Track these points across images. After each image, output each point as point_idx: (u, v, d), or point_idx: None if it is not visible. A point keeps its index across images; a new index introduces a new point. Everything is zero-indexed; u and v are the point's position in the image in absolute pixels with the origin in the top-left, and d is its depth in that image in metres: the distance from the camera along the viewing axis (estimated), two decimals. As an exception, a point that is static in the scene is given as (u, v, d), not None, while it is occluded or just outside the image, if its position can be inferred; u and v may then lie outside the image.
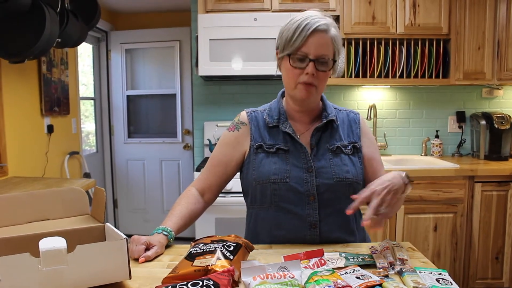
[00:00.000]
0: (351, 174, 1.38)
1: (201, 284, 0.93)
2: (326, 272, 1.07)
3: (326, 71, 1.33)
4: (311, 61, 1.29)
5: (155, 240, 1.26)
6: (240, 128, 1.47)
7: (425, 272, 1.09)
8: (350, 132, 1.47)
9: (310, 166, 1.36)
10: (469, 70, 3.09)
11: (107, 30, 4.35)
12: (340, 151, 1.41)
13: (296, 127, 1.44)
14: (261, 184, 1.38)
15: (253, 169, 1.41)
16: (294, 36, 1.29)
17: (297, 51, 1.30)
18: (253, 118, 1.48)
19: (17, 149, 2.84)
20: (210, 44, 2.94)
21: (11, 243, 1.05)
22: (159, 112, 4.55)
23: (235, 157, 1.45)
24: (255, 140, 1.43)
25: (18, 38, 2.35)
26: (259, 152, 1.41)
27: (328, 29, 1.31)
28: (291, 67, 1.32)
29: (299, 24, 1.29)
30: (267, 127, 1.44)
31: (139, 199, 4.55)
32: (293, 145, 1.40)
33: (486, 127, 3.23)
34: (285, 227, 1.36)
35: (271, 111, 1.47)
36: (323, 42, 1.30)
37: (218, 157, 1.46)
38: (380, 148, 3.42)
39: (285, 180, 1.35)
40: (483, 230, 2.87)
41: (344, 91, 3.46)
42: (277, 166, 1.37)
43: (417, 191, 2.81)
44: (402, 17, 3.02)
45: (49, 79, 3.22)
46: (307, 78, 1.31)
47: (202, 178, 1.47)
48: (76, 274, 0.97)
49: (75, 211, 1.31)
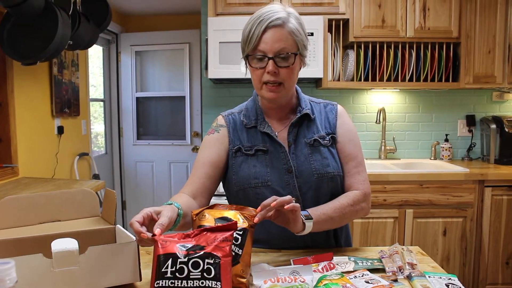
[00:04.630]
0: (332, 168, 1.35)
1: (202, 266, 0.90)
2: (335, 276, 1.07)
3: (289, 66, 1.26)
4: (270, 59, 1.24)
5: (158, 208, 1.08)
6: (220, 130, 1.42)
7: (435, 277, 1.08)
8: (327, 123, 1.42)
9: (289, 166, 1.33)
10: (479, 74, 3.07)
11: (117, 32, 4.38)
12: (318, 143, 1.37)
13: (273, 125, 1.40)
14: (242, 190, 1.35)
15: (233, 173, 1.37)
16: (250, 35, 1.25)
17: (255, 51, 1.26)
18: (230, 121, 1.43)
19: (28, 150, 2.87)
20: (219, 47, 2.95)
21: (23, 244, 1.06)
22: (168, 114, 4.58)
23: (220, 157, 1.39)
24: (233, 143, 1.39)
25: (31, 41, 2.38)
26: (238, 155, 1.37)
27: (284, 23, 1.24)
28: (252, 68, 1.29)
29: (254, 23, 1.25)
30: (245, 128, 1.40)
31: (147, 201, 4.57)
32: (272, 145, 1.36)
33: (496, 131, 3.20)
34: (273, 231, 1.32)
35: (248, 111, 1.43)
36: (280, 37, 1.24)
37: (203, 160, 1.38)
38: (389, 152, 3.41)
39: (266, 184, 1.32)
40: (493, 235, 2.85)
41: (353, 95, 3.46)
42: (257, 169, 1.34)
43: (427, 195, 2.79)
44: (412, 21, 3.01)
45: (60, 80, 3.25)
46: (269, 77, 1.26)
47: (190, 183, 1.36)
48: (88, 275, 0.98)
49: (86, 212, 1.33)
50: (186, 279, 0.88)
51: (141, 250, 1.27)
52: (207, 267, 0.90)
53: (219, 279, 0.89)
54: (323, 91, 3.39)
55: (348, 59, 3.13)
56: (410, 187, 2.79)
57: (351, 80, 3.13)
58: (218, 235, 0.95)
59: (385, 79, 3.11)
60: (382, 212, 2.79)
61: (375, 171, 2.80)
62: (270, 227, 1.29)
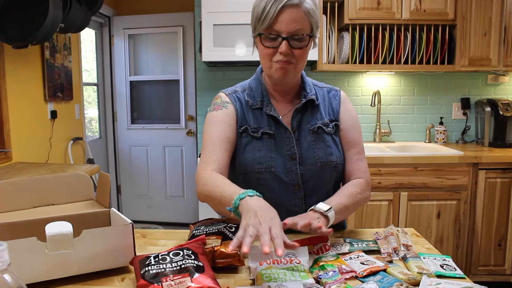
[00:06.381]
0: (335, 156, 1.33)
1: (182, 254, 0.97)
2: (330, 257, 1.07)
3: (302, 47, 1.22)
4: (284, 39, 1.19)
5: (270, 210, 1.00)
6: (227, 107, 1.35)
7: (429, 258, 1.09)
8: (330, 109, 1.39)
9: (293, 153, 1.31)
10: (474, 56, 3.06)
11: (110, 15, 4.32)
12: (322, 131, 1.34)
13: (278, 108, 1.36)
14: (243, 174, 1.32)
15: (236, 155, 1.32)
16: (264, 13, 1.18)
17: (268, 30, 1.20)
18: (235, 99, 1.37)
19: (21, 134, 2.84)
20: (213, 30, 2.92)
21: (17, 228, 1.06)
22: (162, 98, 4.55)
23: (234, 133, 1.32)
24: (241, 123, 1.33)
25: (22, 23, 2.34)
26: (243, 136, 1.32)
27: (301, 2, 1.18)
28: (264, 47, 1.23)
29: (269, 0, 1.18)
30: (251, 108, 1.35)
31: (142, 185, 4.57)
32: (277, 128, 1.32)
33: (491, 114, 3.21)
34: None
35: (252, 91, 1.38)
36: (296, 18, 1.18)
37: (220, 135, 1.28)
38: (383, 135, 3.41)
39: (270, 170, 1.30)
40: (486, 217, 2.88)
41: (348, 77, 3.44)
42: (262, 153, 1.30)
43: (421, 178, 2.80)
44: (408, 2, 2.98)
45: (52, 64, 3.21)
46: (281, 57, 1.22)
47: (213, 160, 1.24)
48: (82, 258, 0.98)
49: (80, 196, 1.32)
50: (169, 263, 0.94)
51: (136, 233, 1.27)
52: (186, 253, 0.97)
53: (199, 260, 0.96)
54: (318, 74, 3.38)
55: (343, 42, 3.10)
56: (405, 170, 2.80)
57: (346, 62, 3.12)
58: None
59: (380, 62, 3.09)
60: (377, 195, 2.80)
61: (370, 154, 2.80)
62: None
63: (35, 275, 0.94)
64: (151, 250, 1.18)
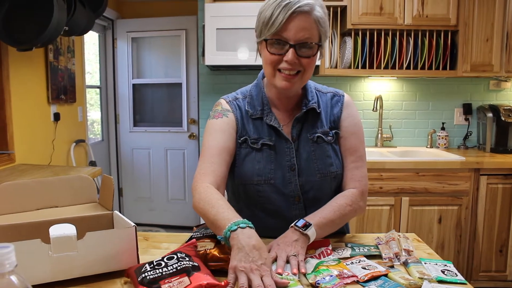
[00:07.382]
0: (335, 167, 1.29)
1: (176, 257, 0.98)
2: (332, 261, 1.08)
3: (310, 56, 1.17)
4: (291, 47, 1.14)
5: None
6: (228, 115, 1.30)
7: (431, 263, 1.09)
8: (331, 116, 1.33)
9: (293, 164, 1.27)
10: (476, 62, 3.07)
11: (113, 19, 4.34)
12: (322, 140, 1.29)
13: (279, 117, 1.31)
14: (243, 185, 1.29)
15: (235, 165, 1.29)
16: (272, 18, 1.13)
17: (275, 36, 1.15)
18: (236, 108, 1.32)
19: (24, 136, 2.86)
20: (217, 34, 2.93)
21: (21, 230, 1.06)
22: (164, 101, 4.56)
23: (234, 144, 1.28)
24: (240, 133, 1.29)
25: (27, 26, 2.36)
26: (243, 147, 1.29)
27: (311, 9, 1.13)
28: (269, 53, 1.18)
29: (278, 5, 1.13)
30: (251, 118, 1.30)
31: (144, 188, 4.58)
32: (277, 139, 1.28)
33: (493, 120, 3.21)
34: (272, 229, 1.21)
35: (253, 99, 1.32)
36: (306, 26, 1.13)
37: (219, 145, 1.24)
38: (385, 140, 3.42)
39: (269, 182, 1.26)
40: (488, 223, 2.88)
41: (350, 82, 3.45)
42: (261, 165, 1.26)
43: (422, 183, 2.81)
44: (410, 8, 3.00)
45: (56, 67, 3.22)
46: (287, 66, 1.16)
47: (210, 171, 1.21)
48: (86, 260, 0.99)
49: (83, 198, 1.32)
50: (165, 267, 0.95)
51: (139, 235, 1.27)
52: (180, 256, 0.99)
53: (194, 261, 0.98)
54: (320, 78, 3.39)
55: (345, 47, 3.11)
56: (406, 175, 2.80)
57: (348, 67, 3.13)
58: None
59: (382, 67, 3.10)
60: (378, 199, 2.80)
61: (371, 158, 2.81)
62: (267, 222, 1.28)
63: (39, 277, 0.94)
64: (154, 253, 1.19)
